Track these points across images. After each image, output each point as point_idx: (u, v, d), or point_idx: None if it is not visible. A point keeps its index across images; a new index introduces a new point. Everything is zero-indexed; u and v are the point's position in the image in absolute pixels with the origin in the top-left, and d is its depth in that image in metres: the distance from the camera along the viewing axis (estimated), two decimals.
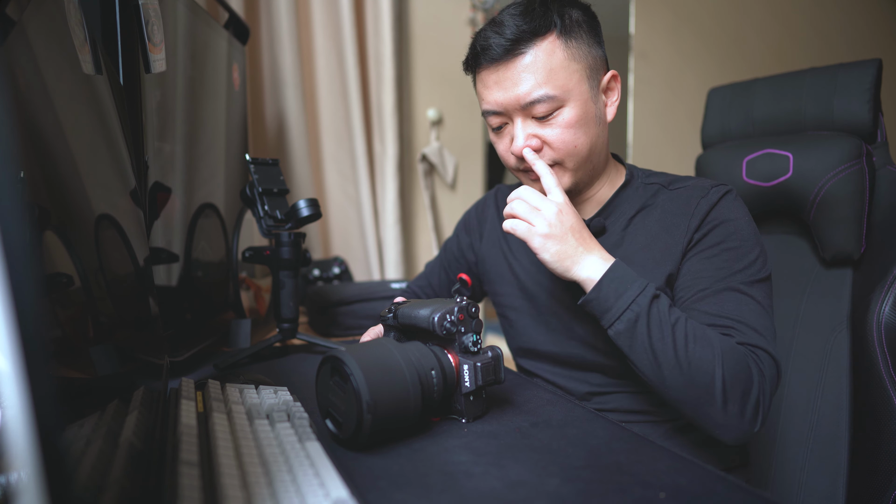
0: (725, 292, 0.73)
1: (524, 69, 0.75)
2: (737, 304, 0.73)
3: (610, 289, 0.71)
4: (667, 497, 0.47)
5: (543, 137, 0.78)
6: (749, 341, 0.71)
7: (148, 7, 0.79)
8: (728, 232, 0.76)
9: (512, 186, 1.02)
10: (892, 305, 0.88)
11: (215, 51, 1.10)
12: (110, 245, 0.54)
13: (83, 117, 0.53)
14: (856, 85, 1.02)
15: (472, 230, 1.05)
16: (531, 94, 0.75)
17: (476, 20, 1.83)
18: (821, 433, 0.96)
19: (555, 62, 0.75)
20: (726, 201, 0.78)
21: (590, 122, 0.79)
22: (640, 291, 0.70)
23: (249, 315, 1.15)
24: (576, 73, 0.77)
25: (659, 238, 0.80)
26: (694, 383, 0.67)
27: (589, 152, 0.80)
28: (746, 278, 0.74)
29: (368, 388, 0.54)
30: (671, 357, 0.68)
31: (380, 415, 0.54)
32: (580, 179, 0.82)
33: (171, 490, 0.41)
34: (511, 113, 0.78)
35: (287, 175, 1.65)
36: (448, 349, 0.64)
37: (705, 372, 0.67)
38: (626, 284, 0.71)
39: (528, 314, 0.91)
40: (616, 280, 0.71)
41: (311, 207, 0.90)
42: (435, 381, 0.60)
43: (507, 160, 0.84)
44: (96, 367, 0.43)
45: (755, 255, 0.76)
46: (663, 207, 0.81)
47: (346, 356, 0.55)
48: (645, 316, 0.69)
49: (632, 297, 0.70)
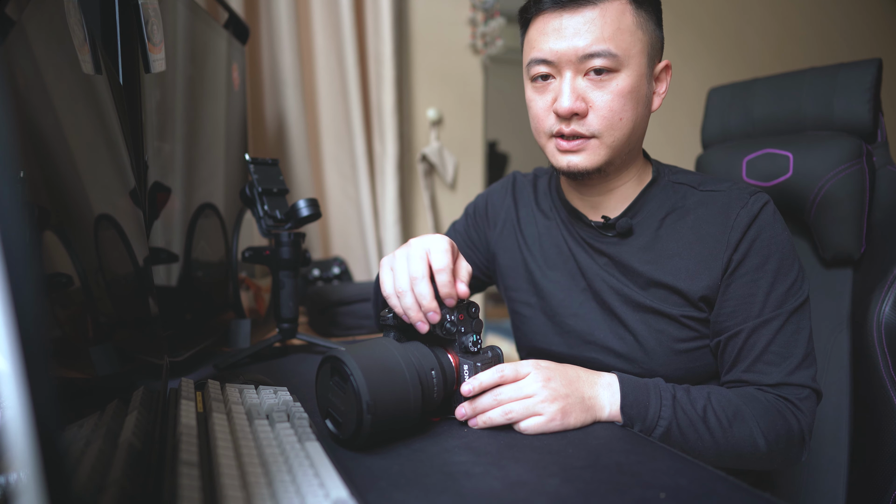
0: (773, 322, 0.73)
1: (591, 21, 0.71)
2: (783, 338, 0.73)
3: (632, 413, 0.67)
4: (667, 497, 0.47)
5: (591, 101, 0.73)
6: (787, 381, 0.72)
7: (148, 7, 0.79)
8: (770, 251, 0.74)
9: (528, 177, 0.96)
10: (892, 305, 0.88)
11: (215, 51, 1.10)
12: (110, 245, 0.54)
13: (83, 117, 0.53)
14: (856, 85, 1.02)
15: (485, 216, 0.99)
16: (592, 46, 0.71)
17: (476, 20, 1.83)
18: (822, 433, 0.96)
19: (623, 23, 0.72)
20: (766, 214, 0.75)
21: (640, 100, 0.75)
22: (659, 405, 0.68)
23: (249, 315, 1.14)
24: (639, 42, 0.73)
25: (693, 248, 0.76)
26: (741, 457, 0.69)
27: (630, 132, 0.75)
28: (792, 303, 0.73)
29: (368, 389, 0.54)
30: (712, 448, 0.68)
31: (380, 415, 0.54)
32: (612, 161, 0.76)
33: (171, 490, 0.41)
34: (562, 66, 0.73)
35: (287, 175, 1.65)
36: (448, 349, 0.64)
37: (748, 446, 0.69)
38: (644, 405, 0.67)
39: (543, 313, 0.87)
40: (634, 405, 0.67)
41: (310, 207, 0.90)
42: (435, 381, 0.60)
43: (541, 120, 0.77)
44: (96, 367, 0.43)
45: (795, 272, 0.74)
46: (696, 213, 0.78)
47: (345, 356, 0.55)
48: (675, 425, 0.67)
49: (656, 414, 0.67)
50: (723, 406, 0.69)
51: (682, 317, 0.76)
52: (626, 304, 0.79)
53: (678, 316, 0.76)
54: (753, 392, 0.71)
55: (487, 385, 0.63)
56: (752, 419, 0.69)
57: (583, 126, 0.74)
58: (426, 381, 0.59)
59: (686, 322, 0.76)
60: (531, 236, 0.91)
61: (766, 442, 0.68)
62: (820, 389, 0.74)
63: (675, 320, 0.76)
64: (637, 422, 0.67)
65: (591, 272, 0.83)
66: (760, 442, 0.68)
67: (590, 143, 0.75)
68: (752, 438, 0.68)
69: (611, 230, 0.81)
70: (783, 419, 0.70)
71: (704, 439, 0.67)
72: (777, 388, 0.72)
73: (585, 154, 0.75)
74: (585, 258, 0.84)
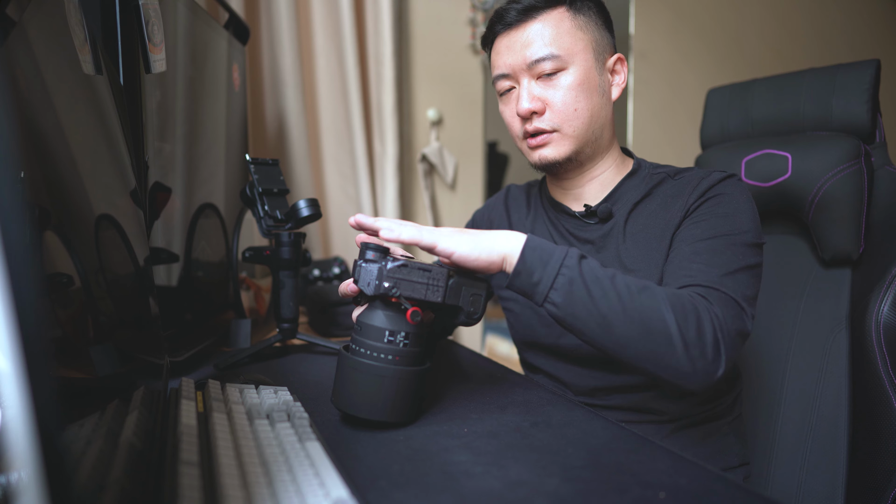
0: (704, 242, 0.73)
1: (534, 33, 0.81)
2: (709, 256, 0.71)
3: (534, 257, 0.65)
4: (667, 497, 0.47)
5: (546, 99, 0.82)
6: (704, 282, 0.69)
7: (148, 7, 0.79)
8: (721, 202, 0.77)
9: (523, 187, 1.03)
10: (890, 305, 0.89)
11: (215, 51, 1.10)
12: (110, 245, 0.54)
13: (83, 117, 0.53)
14: (854, 85, 1.02)
15: (480, 227, 1.06)
16: (537, 52, 0.80)
17: (476, 20, 1.83)
18: (820, 433, 0.96)
19: (562, 28, 0.81)
20: (728, 183, 0.79)
21: (592, 90, 0.82)
22: (564, 254, 0.65)
23: (249, 315, 1.15)
24: (581, 42, 0.82)
25: (658, 216, 0.82)
26: (648, 332, 0.63)
27: (589, 120, 0.82)
28: (731, 239, 0.73)
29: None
30: (619, 310, 0.63)
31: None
32: (580, 149, 0.84)
33: (171, 490, 0.41)
34: (518, 74, 0.83)
35: (287, 175, 1.65)
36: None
37: (656, 318, 0.63)
38: (549, 252, 0.65)
39: (529, 307, 0.91)
40: (538, 248, 0.65)
41: (311, 207, 0.90)
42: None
43: (513, 126, 0.87)
44: (96, 367, 0.43)
45: (747, 223, 0.74)
46: (665, 192, 0.84)
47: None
48: (579, 276, 0.64)
49: (559, 261, 0.64)
50: (632, 279, 0.66)
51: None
52: None
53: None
54: (667, 287, 0.69)
55: (405, 239, 0.62)
56: (662, 296, 0.64)
57: (543, 122, 0.82)
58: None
59: None
60: None
61: (674, 319, 0.63)
62: (747, 309, 0.69)
63: None
64: (538, 267, 0.64)
65: None
66: (669, 317, 0.63)
67: (552, 136, 0.83)
68: (660, 312, 0.63)
69: (593, 217, 0.87)
70: (694, 309, 0.65)
71: (611, 298, 0.63)
72: (694, 289, 0.69)
73: (551, 147, 0.84)
74: None
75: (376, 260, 0.62)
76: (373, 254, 0.62)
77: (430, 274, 0.62)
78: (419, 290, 0.61)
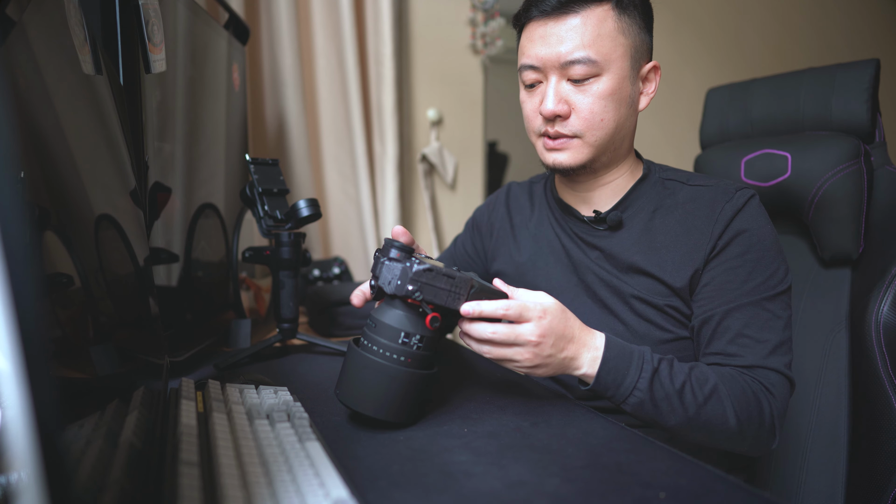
0: (747, 307, 0.74)
1: (572, 28, 0.76)
2: (758, 323, 0.74)
3: (608, 379, 0.68)
4: (667, 497, 0.47)
5: (574, 103, 0.78)
6: (761, 364, 0.73)
7: (148, 7, 0.79)
8: (751, 242, 0.76)
9: (524, 185, 1.01)
10: (890, 305, 0.89)
11: (215, 51, 1.10)
12: (110, 245, 0.54)
13: (83, 117, 0.53)
14: (854, 85, 1.02)
15: (481, 228, 1.04)
16: (573, 53, 0.75)
17: (476, 20, 1.83)
18: (820, 433, 0.96)
19: (604, 30, 0.76)
20: (750, 208, 0.77)
21: (622, 101, 0.79)
22: (637, 376, 0.68)
23: (249, 315, 1.14)
24: (620, 47, 0.77)
25: (681, 240, 0.79)
26: (713, 435, 0.71)
27: (613, 131, 0.79)
28: (767, 291, 0.75)
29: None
30: (685, 424, 0.69)
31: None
32: (597, 158, 0.81)
33: (171, 490, 0.41)
34: (548, 70, 0.78)
35: (287, 175, 1.65)
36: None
37: (719, 423, 0.70)
38: (623, 373, 0.68)
39: None
40: (612, 371, 0.68)
41: (311, 207, 0.90)
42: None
43: (532, 121, 0.83)
44: (96, 367, 0.43)
45: (776, 265, 0.76)
46: (685, 208, 0.81)
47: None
48: (649, 399, 0.68)
49: (632, 384, 0.68)
50: (701, 383, 0.70)
51: (667, 307, 0.79)
52: (616, 296, 0.83)
53: (663, 306, 0.79)
54: (731, 372, 0.73)
55: (487, 314, 0.63)
56: (728, 398, 0.70)
57: (565, 127, 0.79)
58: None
59: (671, 312, 0.79)
60: (525, 239, 0.95)
61: (737, 421, 0.69)
62: (793, 378, 0.75)
63: (661, 310, 0.79)
64: (611, 387, 0.68)
65: (583, 266, 0.86)
66: (732, 421, 0.69)
67: (572, 142, 0.80)
68: (724, 416, 0.69)
69: (602, 224, 0.85)
70: (756, 401, 0.71)
71: (677, 413, 0.69)
72: (751, 371, 0.73)
73: (569, 152, 0.80)
74: (578, 253, 0.87)
75: (401, 259, 0.61)
76: (398, 252, 0.62)
77: (454, 281, 0.61)
78: (441, 296, 0.61)
